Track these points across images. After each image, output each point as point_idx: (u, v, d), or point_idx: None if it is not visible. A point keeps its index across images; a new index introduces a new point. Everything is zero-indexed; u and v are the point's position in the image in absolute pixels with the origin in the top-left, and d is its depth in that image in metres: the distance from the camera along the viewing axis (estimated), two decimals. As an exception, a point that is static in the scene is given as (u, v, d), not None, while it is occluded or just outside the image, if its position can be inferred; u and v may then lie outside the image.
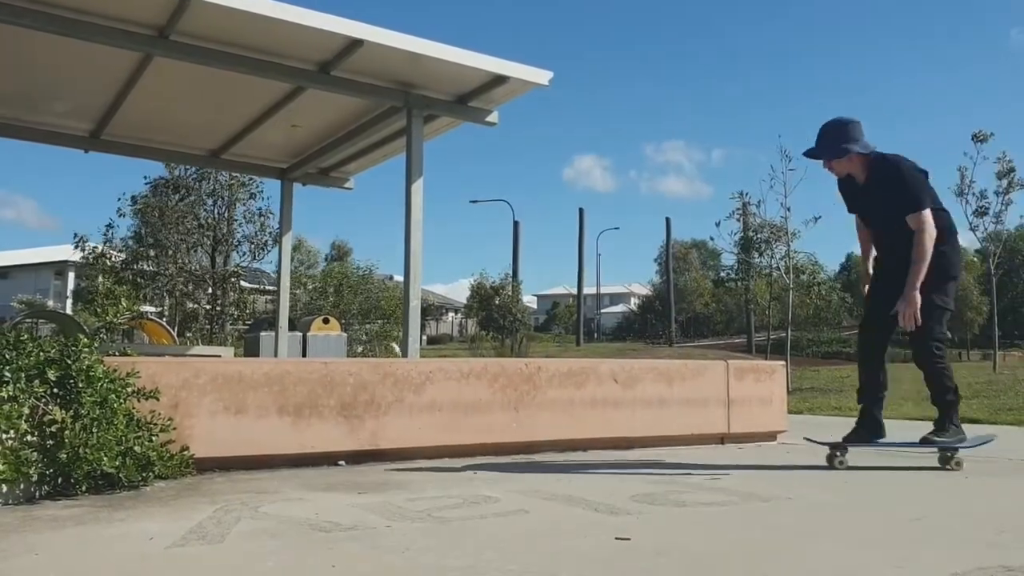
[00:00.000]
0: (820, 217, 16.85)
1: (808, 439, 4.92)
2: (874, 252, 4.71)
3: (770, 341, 21.94)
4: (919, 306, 4.19)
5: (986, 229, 19.04)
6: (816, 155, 4.48)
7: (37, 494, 3.32)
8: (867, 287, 4.74)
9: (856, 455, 4.58)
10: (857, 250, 5.06)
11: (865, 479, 4.23)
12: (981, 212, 18.67)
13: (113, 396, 3.53)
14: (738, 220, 18.14)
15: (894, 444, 4.64)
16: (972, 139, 18.05)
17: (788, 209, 16.28)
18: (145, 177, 22.34)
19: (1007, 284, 40.27)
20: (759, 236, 17.51)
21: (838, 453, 4.49)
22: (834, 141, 4.39)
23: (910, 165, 4.40)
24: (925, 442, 4.38)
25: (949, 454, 4.37)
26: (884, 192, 4.41)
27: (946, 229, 4.40)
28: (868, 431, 4.58)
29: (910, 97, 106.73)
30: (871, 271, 4.75)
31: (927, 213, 4.27)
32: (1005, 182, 18.45)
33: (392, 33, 6.03)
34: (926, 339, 4.27)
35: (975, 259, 42.75)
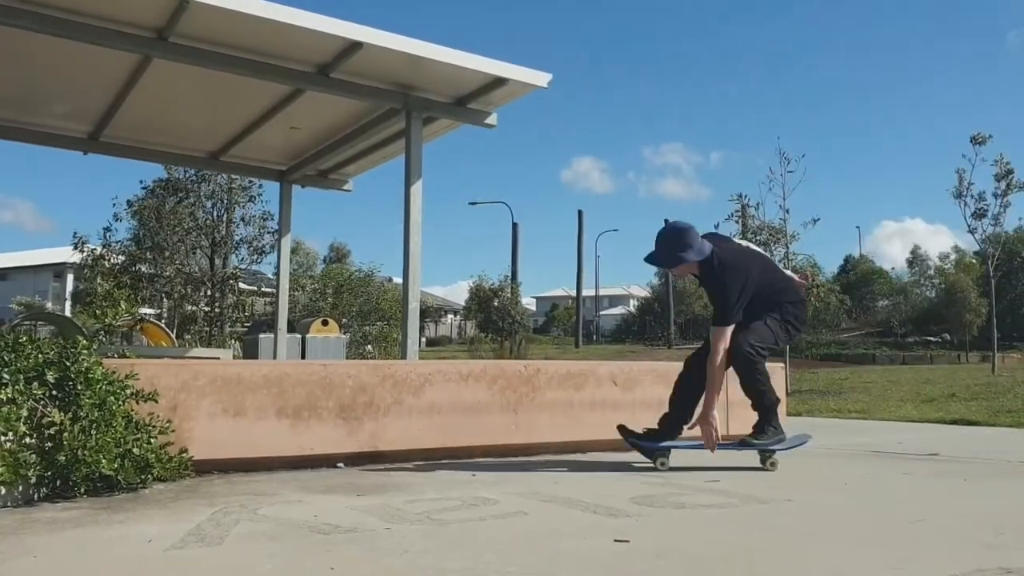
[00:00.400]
0: (819, 219, 16.82)
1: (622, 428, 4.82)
2: None
3: (769, 343, 21.88)
4: (717, 424, 4.45)
5: (984, 231, 19.01)
6: (655, 262, 4.72)
7: (35, 496, 3.31)
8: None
9: (695, 458, 4.63)
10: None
11: (864, 481, 4.24)
12: (979, 214, 18.64)
13: (112, 398, 3.53)
14: (737, 222, 18.11)
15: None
16: (971, 141, 18.03)
17: (787, 211, 16.26)
18: (141, 181, 22.36)
19: (1006, 286, 40.24)
20: (758, 238, 17.50)
21: (661, 455, 4.56)
22: (671, 249, 4.54)
23: (732, 273, 4.50)
24: (744, 444, 4.53)
25: (767, 455, 4.51)
26: (708, 295, 4.72)
27: (791, 298, 4.65)
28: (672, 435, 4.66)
29: (908, 98, 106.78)
30: None
31: (723, 332, 4.43)
32: (1003, 184, 18.44)
33: (391, 35, 6.04)
34: (742, 344, 4.41)
35: (973, 261, 42.81)
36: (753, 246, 5.08)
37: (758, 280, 4.50)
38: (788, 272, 5.03)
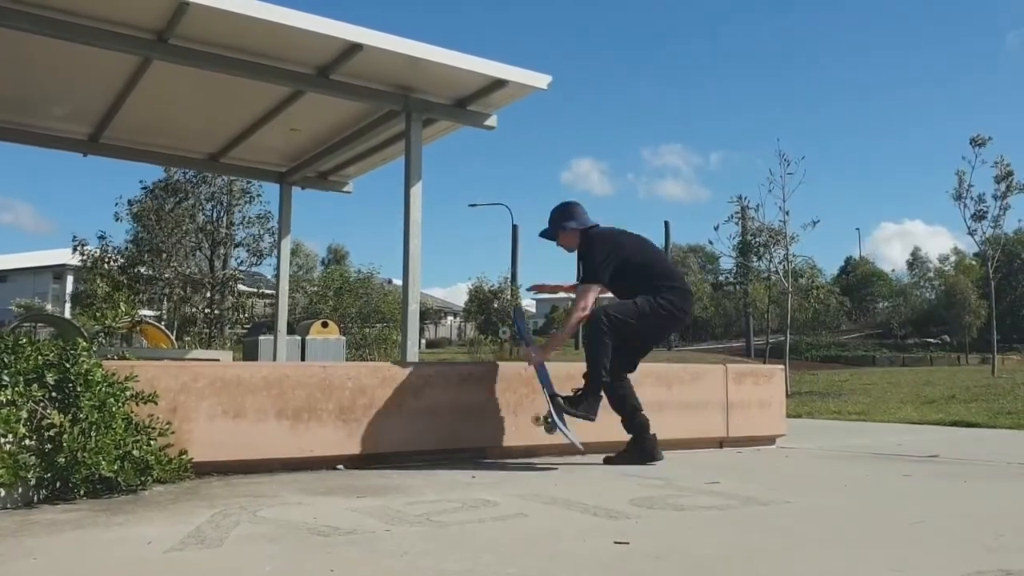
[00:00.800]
0: (819, 221, 16.84)
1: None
2: None
3: (769, 345, 21.90)
4: (532, 361, 4.81)
5: (984, 233, 19.03)
6: (545, 235, 5.04)
7: (35, 498, 3.31)
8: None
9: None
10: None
11: (864, 483, 4.24)
12: (979, 216, 18.66)
13: (112, 400, 3.53)
14: (737, 224, 18.11)
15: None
16: (970, 143, 18.05)
17: (787, 213, 16.27)
18: (141, 181, 22.39)
19: (1005, 288, 40.30)
20: (757, 240, 17.50)
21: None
22: (556, 221, 4.95)
23: (602, 239, 4.81)
24: (552, 400, 4.60)
25: (551, 420, 4.55)
26: (580, 259, 4.92)
27: (665, 275, 4.84)
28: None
29: (908, 100, 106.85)
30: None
31: (587, 288, 4.71)
32: (1003, 186, 18.46)
33: (391, 37, 6.04)
34: (598, 311, 4.59)
35: (973, 263, 42.83)
36: (644, 236, 5.13)
37: (629, 256, 4.75)
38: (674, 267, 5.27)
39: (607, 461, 4.75)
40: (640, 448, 4.74)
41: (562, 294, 6.09)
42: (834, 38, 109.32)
